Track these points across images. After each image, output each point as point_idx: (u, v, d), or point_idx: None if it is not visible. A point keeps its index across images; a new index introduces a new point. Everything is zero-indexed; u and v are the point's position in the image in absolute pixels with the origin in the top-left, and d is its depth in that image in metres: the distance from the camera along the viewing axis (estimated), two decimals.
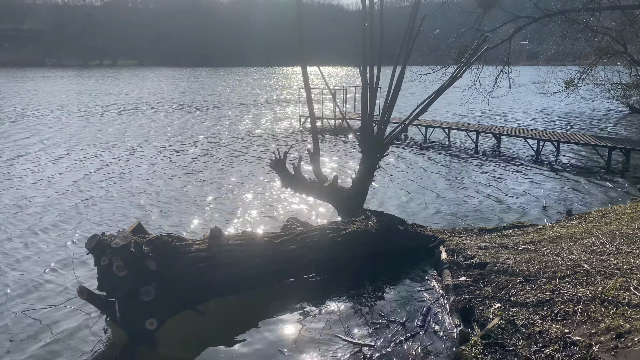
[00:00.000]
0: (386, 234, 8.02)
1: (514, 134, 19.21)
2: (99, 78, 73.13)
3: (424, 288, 6.95)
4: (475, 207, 11.37)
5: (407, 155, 17.79)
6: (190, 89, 52.50)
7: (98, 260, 5.67)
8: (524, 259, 6.58)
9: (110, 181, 13.60)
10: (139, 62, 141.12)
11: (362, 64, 9.23)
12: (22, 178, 13.84)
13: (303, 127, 24.71)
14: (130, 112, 30.67)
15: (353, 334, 5.76)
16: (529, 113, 31.15)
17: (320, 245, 7.34)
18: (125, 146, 19.01)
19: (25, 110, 31.44)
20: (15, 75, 77.76)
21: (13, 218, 10.32)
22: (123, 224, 9.82)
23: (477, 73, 21.65)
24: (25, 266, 7.88)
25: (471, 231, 8.86)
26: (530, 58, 56.34)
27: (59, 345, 5.63)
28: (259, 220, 10.43)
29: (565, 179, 14.03)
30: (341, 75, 77.78)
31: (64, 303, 6.45)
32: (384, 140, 9.57)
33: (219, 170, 15.11)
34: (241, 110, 32.77)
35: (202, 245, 6.42)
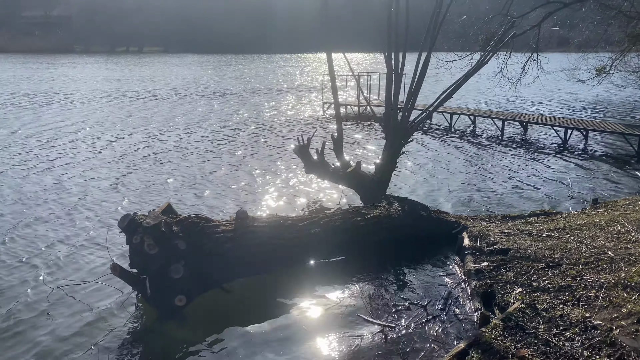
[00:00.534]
0: (408, 219, 8.09)
1: (541, 121, 18.91)
2: (126, 64, 74.29)
3: (445, 273, 7.02)
4: (499, 194, 11.32)
5: (431, 142, 17.72)
6: (215, 75, 52.95)
7: (130, 239, 5.90)
8: (547, 246, 6.59)
9: (140, 164, 14.01)
10: (164, 48, 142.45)
11: (387, 50, 9.25)
12: (58, 160, 14.32)
13: (327, 114, 24.76)
14: (158, 98, 31.17)
15: (375, 314, 5.88)
16: (557, 101, 30.54)
17: (343, 229, 7.46)
18: (154, 130, 19.39)
19: (57, 95, 32.24)
20: (46, 61, 79.53)
21: (50, 199, 10.72)
22: (154, 204, 10.12)
23: (504, 60, 21.31)
24: (61, 244, 8.21)
25: (494, 218, 8.87)
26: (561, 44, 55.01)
27: (92, 319, 5.90)
28: (283, 203, 10.60)
29: (593, 168, 13.82)
30: (366, 62, 77.29)
31: (98, 279, 6.73)
32: (407, 126, 9.61)
33: (244, 155, 15.33)
34: (265, 96, 32.97)
35: (229, 227, 6.62)
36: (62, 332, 5.63)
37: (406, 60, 9.29)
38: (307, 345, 5.37)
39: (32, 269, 7.30)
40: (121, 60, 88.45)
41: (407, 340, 5.33)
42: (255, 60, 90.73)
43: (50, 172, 13.05)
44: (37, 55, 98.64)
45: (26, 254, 7.81)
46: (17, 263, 7.48)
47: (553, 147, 16.61)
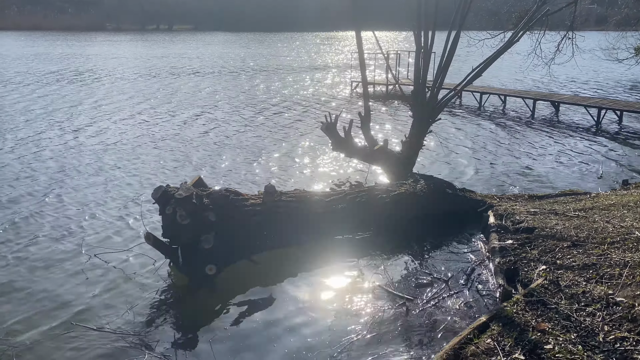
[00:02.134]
0: (434, 196, 8.15)
1: (573, 101, 18.49)
2: (158, 42, 75.09)
3: (470, 250, 7.09)
4: (527, 174, 11.23)
5: (460, 121, 17.56)
6: (244, 53, 53.10)
7: (163, 210, 6.15)
8: (574, 225, 6.57)
9: (174, 138, 14.47)
10: (194, 26, 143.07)
11: (417, 28, 9.19)
12: (97, 134, 14.87)
13: (354, 92, 24.70)
14: (190, 75, 31.58)
15: (397, 287, 6.02)
16: (592, 81, 29.69)
17: (369, 205, 7.57)
18: (186, 106, 19.77)
19: (95, 72, 33.00)
20: (80, 39, 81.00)
21: (87, 170, 11.15)
22: (185, 177, 10.43)
23: (538, 39, 20.78)
24: (98, 214, 8.57)
25: (521, 197, 8.84)
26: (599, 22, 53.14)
27: (127, 286, 6.20)
28: (310, 179, 10.75)
29: (626, 149, 13.52)
30: (396, 40, 76.19)
31: (132, 248, 7.04)
32: (436, 105, 9.58)
33: (273, 132, 15.52)
34: (294, 74, 32.99)
35: (257, 200, 6.81)
36: (98, 297, 5.95)
37: (436, 38, 9.22)
38: (330, 315, 5.54)
39: (71, 237, 7.66)
40: (152, 37, 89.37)
41: (429, 314, 5.45)
42: (284, 38, 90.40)
43: (89, 145, 13.54)
44: (72, 33, 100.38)
45: (65, 223, 8.18)
46: (54, 231, 7.86)
47: (585, 128, 16.28)
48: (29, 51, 53.53)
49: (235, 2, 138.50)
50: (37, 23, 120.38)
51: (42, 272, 6.56)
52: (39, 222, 8.27)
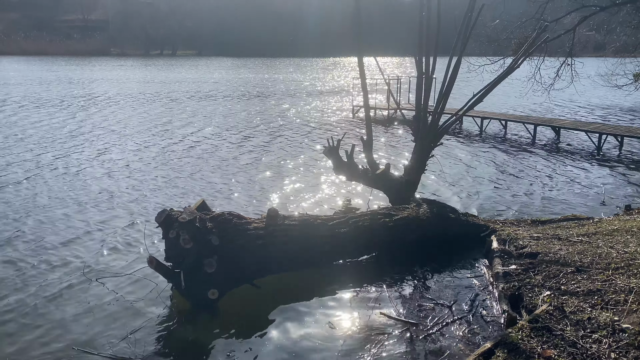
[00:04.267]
0: (437, 221, 8.14)
1: (574, 127, 18.60)
2: (162, 67, 75.97)
3: (473, 275, 7.05)
4: (529, 199, 11.24)
5: (461, 146, 17.64)
6: (247, 78, 53.67)
7: (166, 233, 6.15)
8: (577, 250, 6.56)
9: (177, 162, 14.49)
10: (197, 51, 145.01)
11: (418, 54, 9.32)
12: (97, 158, 14.88)
13: (356, 117, 24.88)
14: (192, 100, 31.85)
15: (400, 313, 5.97)
16: (592, 106, 29.90)
17: (372, 230, 7.56)
18: (188, 131, 19.88)
19: (96, 96, 33.30)
20: (85, 63, 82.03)
21: (89, 194, 11.15)
22: (189, 201, 10.45)
23: (537, 65, 21.08)
24: (100, 237, 8.56)
25: (524, 222, 8.83)
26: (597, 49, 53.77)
27: (128, 310, 6.16)
28: (313, 203, 10.76)
29: (627, 174, 13.55)
30: (397, 66, 77.07)
31: (134, 272, 7.01)
32: (437, 129, 9.65)
33: (275, 155, 15.60)
34: (296, 99, 33.29)
35: (260, 224, 6.81)
36: (99, 321, 5.90)
37: (437, 64, 9.35)
38: (333, 340, 5.49)
39: (72, 260, 7.63)
40: (156, 62, 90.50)
41: (433, 339, 5.40)
42: (286, 63, 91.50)
43: (91, 168, 13.57)
44: (77, 58, 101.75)
45: (66, 246, 8.16)
46: (57, 254, 7.84)
47: (586, 153, 16.34)
48: (34, 75, 54.18)
49: (238, 28, 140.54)
50: (42, 48, 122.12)
51: (42, 295, 6.52)
52: (39, 243, 8.25)
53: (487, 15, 22.43)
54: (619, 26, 26.31)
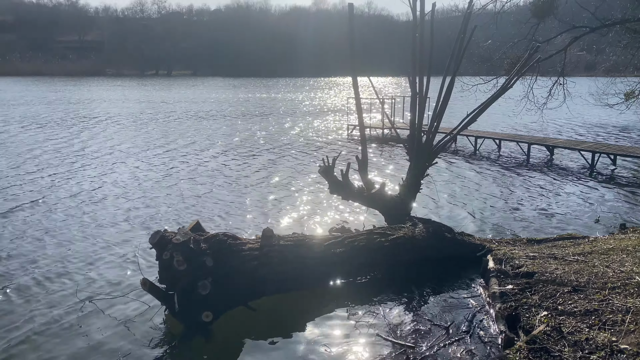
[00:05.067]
0: (433, 240, 8.11)
1: (567, 145, 18.73)
2: (159, 87, 76.27)
3: (470, 295, 7.00)
4: (524, 218, 11.24)
5: (456, 164, 17.70)
6: (242, 98, 53.92)
7: (160, 255, 6.09)
8: (573, 270, 6.53)
9: (170, 182, 14.43)
10: (192, 72, 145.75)
11: (412, 74, 9.40)
12: (91, 178, 14.82)
13: (351, 136, 24.97)
14: (187, 119, 31.92)
15: (397, 335, 5.90)
16: (584, 125, 30.17)
17: (368, 250, 7.52)
18: (182, 151, 19.87)
19: (98, 115, 33.34)
20: (82, 83, 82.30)
21: (82, 215, 11.07)
22: (183, 222, 10.38)
23: (530, 84, 21.27)
24: (94, 258, 8.47)
25: (520, 241, 8.81)
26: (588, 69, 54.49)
27: (121, 333, 6.06)
28: (309, 223, 10.72)
29: (621, 193, 13.60)
30: (392, 84, 77.68)
31: (128, 294, 6.93)
32: (432, 149, 9.68)
33: (270, 175, 15.58)
34: (291, 119, 33.42)
35: (255, 245, 6.76)
36: (91, 345, 5.80)
37: (431, 83, 9.42)
38: None
39: (65, 281, 7.54)
40: (151, 83, 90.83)
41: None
42: (281, 83, 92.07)
43: (84, 189, 13.49)
44: (73, 78, 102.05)
45: (59, 267, 8.07)
46: (50, 276, 7.75)
47: (580, 172, 16.41)
48: (33, 96, 54.23)
49: (231, 48, 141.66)
50: (38, 69, 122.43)
51: (34, 316, 6.42)
52: (33, 265, 8.15)
53: (479, 35, 22.69)
54: (608, 46, 26.68)
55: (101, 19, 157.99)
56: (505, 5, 20.83)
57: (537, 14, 19.86)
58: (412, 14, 9.15)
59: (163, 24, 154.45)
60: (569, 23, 20.61)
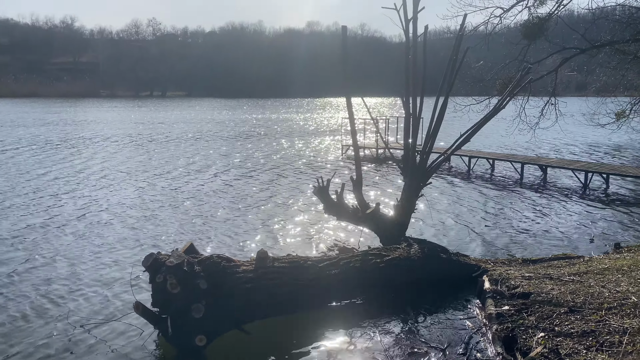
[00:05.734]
0: (428, 261, 8.07)
1: (560, 165, 18.85)
2: (155, 108, 76.47)
3: (466, 316, 6.95)
4: (519, 237, 11.24)
5: (450, 184, 17.74)
6: (236, 118, 54.11)
7: (153, 278, 6.02)
8: (569, 290, 6.51)
9: (164, 203, 14.33)
10: (187, 93, 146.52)
11: (405, 95, 9.47)
12: (86, 200, 14.70)
13: (346, 156, 25.04)
14: (182, 141, 31.95)
15: (393, 358, 5.83)
16: (577, 145, 30.44)
17: (363, 271, 7.47)
18: (177, 171, 19.83)
19: (90, 137, 33.32)
20: (77, 105, 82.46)
21: (74, 236, 10.96)
22: (177, 244, 10.30)
23: (522, 104, 21.47)
24: (85, 281, 8.35)
25: (515, 261, 8.79)
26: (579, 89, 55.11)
27: (113, 358, 5.95)
28: (303, 244, 10.66)
29: (615, 212, 13.65)
30: (387, 105, 78.22)
31: (120, 318, 6.82)
32: (426, 169, 9.70)
33: (265, 195, 15.55)
34: (286, 139, 33.52)
35: (249, 267, 6.70)
36: None
37: (424, 104, 9.49)
38: None
39: (56, 305, 7.42)
40: (146, 104, 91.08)
41: None
42: (276, 104, 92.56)
43: (76, 210, 13.38)
44: (67, 100, 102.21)
45: (50, 291, 7.95)
46: (41, 299, 7.62)
47: (574, 191, 16.49)
48: (31, 117, 54.23)
49: (226, 69, 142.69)
50: (32, 90, 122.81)
51: (24, 342, 6.29)
52: (23, 288, 8.03)
53: (471, 57, 22.97)
54: (598, 67, 27.04)
55: (96, 40, 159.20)
56: (497, 27, 21.13)
57: (528, 35, 20.13)
58: (404, 35, 9.26)
59: (158, 46, 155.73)
60: (559, 44, 20.90)
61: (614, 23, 20.44)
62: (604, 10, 20.64)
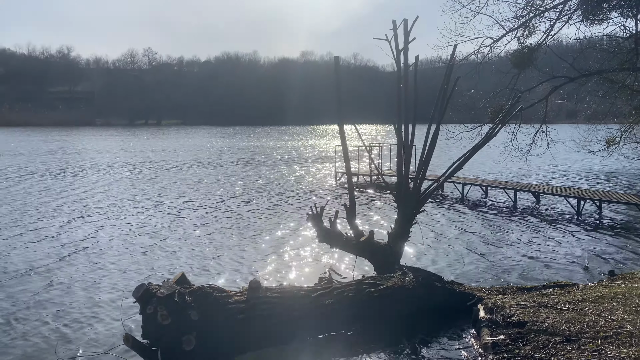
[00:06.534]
0: (423, 290, 8.01)
1: (553, 192, 18.93)
2: (151, 136, 76.71)
3: (461, 346, 6.86)
4: (514, 265, 11.19)
5: (444, 212, 17.74)
6: (230, 146, 54.27)
7: (144, 309, 5.92)
8: (565, 319, 6.45)
9: (156, 233, 14.19)
10: (182, 121, 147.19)
11: (398, 123, 9.55)
12: (76, 229, 14.58)
13: (339, 183, 25.07)
14: (175, 169, 31.95)
15: None
16: (569, 171, 30.67)
17: (357, 300, 7.39)
18: (168, 200, 19.74)
19: (89, 166, 33.25)
20: (72, 134, 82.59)
21: (64, 266, 10.81)
22: (168, 274, 10.18)
23: (514, 132, 21.70)
24: (74, 313, 8.20)
25: (510, 289, 8.73)
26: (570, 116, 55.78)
27: None
28: (297, 273, 10.57)
29: (608, 239, 13.66)
30: (378, 133, 78.81)
31: (110, 350, 6.68)
32: (419, 196, 9.71)
33: (258, 223, 15.47)
34: (279, 166, 33.58)
35: (241, 297, 6.62)
36: None
37: (416, 131, 9.57)
38: None
39: (45, 339, 7.27)
40: (140, 132, 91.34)
41: None
42: (269, 131, 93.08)
43: (66, 240, 13.25)
44: (62, 128, 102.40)
45: (38, 324, 7.80)
46: (29, 332, 7.47)
47: (567, 218, 16.52)
48: (28, 146, 54.22)
49: (221, 98, 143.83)
50: (27, 119, 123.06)
51: None
52: (12, 320, 7.87)
53: (463, 85, 23.28)
54: (588, 95, 27.45)
55: (92, 70, 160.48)
56: (487, 56, 21.50)
57: (518, 64, 20.47)
58: (396, 66, 9.39)
59: (154, 75, 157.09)
60: (549, 73, 21.27)
61: (602, 53, 20.87)
62: (592, 40, 21.09)
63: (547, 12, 19.72)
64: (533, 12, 19.77)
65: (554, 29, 20.00)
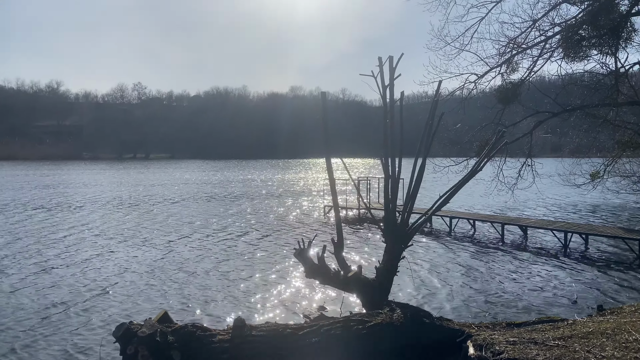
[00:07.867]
0: (412, 326, 7.87)
1: (540, 225, 19.02)
2: (141, 170, 76.34)
3: None
4: (502, 300, 11.11)
5: (432, 246, 17.69)
6: (218, 180, 54.15)
7: (124, 349, 5.73)
8: (555, 355, 6.35)
9: (138, 270, 13.91)
10: (171, 155, 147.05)
11: (384, 157, 9.59)
12: (58, 265, 14.25)
13: (327, 217, 24.97)
14: (159, 203, 31.67)
15: None
16: (555, 205, 30.92)
17: (344, 338, 7.23)
18: (152, 236, 19.47)
19: (82, 200, 32.86)
20: (60, 168, 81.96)
21: (44, 303, 10.51)
22: (150, 312, 9.93)
23: (500, 165, 21.94)
24: (53, 353, 7.93)
25: (499, 325, 8.62)
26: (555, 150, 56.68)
27: None
28: (283, 309, 10.38)
29: (595, 273, 13.67)
30: (366, 166, 79.28)
31: None
32: (407, 230, 9.67)
33: (243, 259, 15.27)
34: (267, 200, 33.46)
35: (226, 336, 6.44)
36: None
37: (403, 165, 9.60)
38: None
39: None
40: (128, 166, 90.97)
41: None
42: (258, 165, 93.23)
43: (47, 275, 12.97)
44: (49, 162, 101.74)
45: None
46: None
47: (554, 252, 16.55)
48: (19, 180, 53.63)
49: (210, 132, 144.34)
50: (13, 153, 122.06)
51: None
52: None
53: (449, 119, 23.60)
54: (571, 129, 27.96)
55: (81, 104, 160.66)
56: (472, 91, 21.88)
57: (502, 100, 20.83)
58: (382, 101, 9.49)
59: (143, 109, 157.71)
60: (533, 108, 21.64)
61: (583, 88, 21.34)
62: (573, 77, 21.55)
63: (529, 50, 20.18)
64: (515, 50, 20.23)
65: (537, 65, 20.45)
